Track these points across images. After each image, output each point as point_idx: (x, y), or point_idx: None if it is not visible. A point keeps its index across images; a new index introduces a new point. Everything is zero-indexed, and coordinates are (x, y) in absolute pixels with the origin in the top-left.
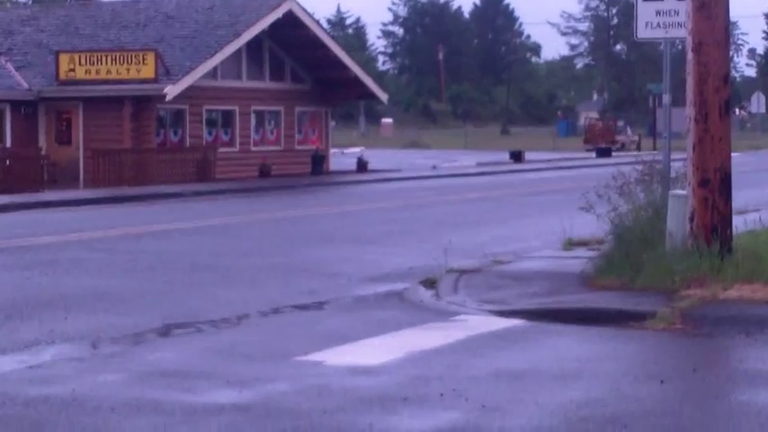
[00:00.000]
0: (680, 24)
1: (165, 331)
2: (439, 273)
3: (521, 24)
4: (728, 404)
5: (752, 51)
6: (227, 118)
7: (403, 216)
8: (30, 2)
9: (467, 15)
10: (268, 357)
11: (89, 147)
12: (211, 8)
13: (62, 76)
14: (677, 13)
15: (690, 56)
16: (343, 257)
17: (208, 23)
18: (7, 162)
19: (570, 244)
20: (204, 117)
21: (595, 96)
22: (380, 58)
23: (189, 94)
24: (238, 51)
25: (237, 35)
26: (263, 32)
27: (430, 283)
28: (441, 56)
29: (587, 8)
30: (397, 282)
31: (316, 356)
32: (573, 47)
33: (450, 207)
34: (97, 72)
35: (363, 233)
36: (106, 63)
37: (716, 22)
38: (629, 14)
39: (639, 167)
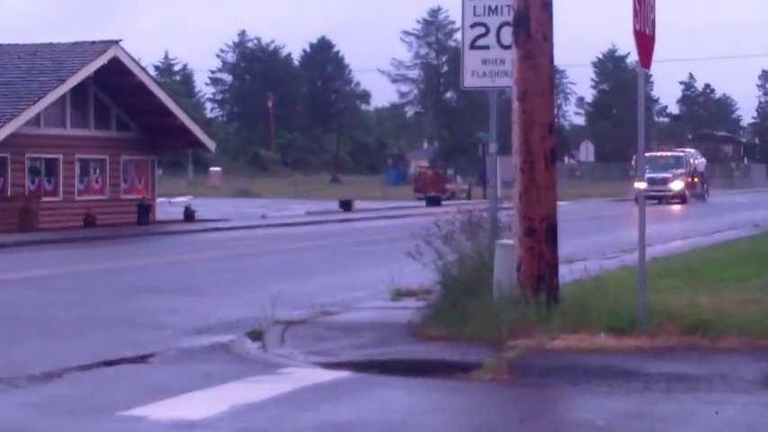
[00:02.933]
0: (506, 73)
1: None
2: (266, 324)
3: (350, 72)
4: None
5: (580, 100)
6: (51, 166)
7: (231, 266)
8: None
9: (297, 62)
10: (89, 412)
11: None
12: (34, 54)
13: None
14: (503, 62)
15: (515, 105)
16: (170, 308)
17: (31, 69)
18: None
19: (398, 294)
20: (27, 165)
21: (426, 144)
22: (209, 105)
23: (11, 142)
24: (62, 98)
25: (62, 81)
26: (88, 78)
27: (257, 335)
28: (270, 103)
29: (417, 56)
30: (224, 333)
31: (138, 411)
32: (403, 94)
33: (279, 257)
34: None
35: (190, 284)
36: None
37: (541, 71)
38: (458, 62)
39: (462, 216)
